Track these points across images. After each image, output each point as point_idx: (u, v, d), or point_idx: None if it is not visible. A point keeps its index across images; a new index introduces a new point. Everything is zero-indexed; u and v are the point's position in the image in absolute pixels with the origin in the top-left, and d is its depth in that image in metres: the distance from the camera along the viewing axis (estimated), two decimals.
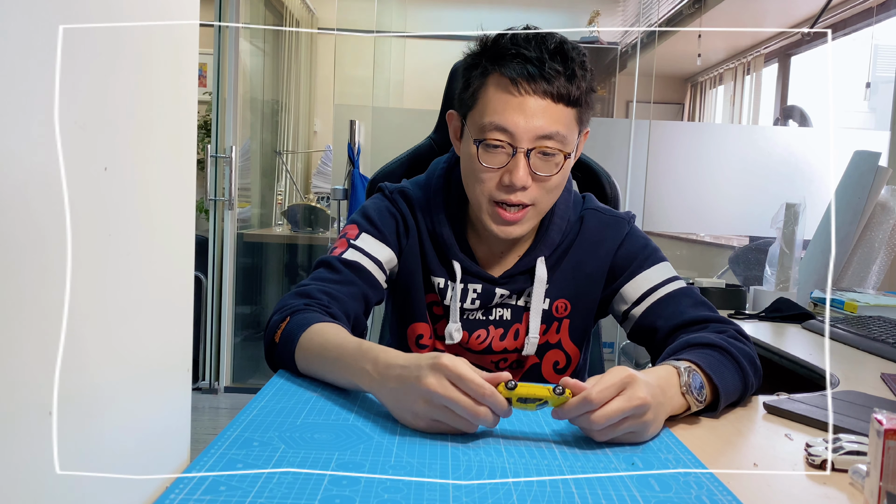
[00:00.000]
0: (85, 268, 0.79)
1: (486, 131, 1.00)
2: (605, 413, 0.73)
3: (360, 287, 1.08)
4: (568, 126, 1.01)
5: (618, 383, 0.74)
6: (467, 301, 1.13)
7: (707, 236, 4.16)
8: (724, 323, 1.02)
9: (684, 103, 6.34)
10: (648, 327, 1.09)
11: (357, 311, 1.06)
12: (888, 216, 1.95)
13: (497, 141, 1.00)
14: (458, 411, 0.72)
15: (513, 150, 0.99)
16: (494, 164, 1.01)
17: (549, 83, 0.98)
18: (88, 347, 0.81)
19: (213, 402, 3.46)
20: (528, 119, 0.98)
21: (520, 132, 0.98)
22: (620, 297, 1.13)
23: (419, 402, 0.74)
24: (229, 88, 3.51)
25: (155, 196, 0.99)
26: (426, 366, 0.73)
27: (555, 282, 1.13)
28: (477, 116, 1.03)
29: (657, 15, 4.70)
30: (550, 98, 0.98)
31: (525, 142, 0.99)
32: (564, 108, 1.00)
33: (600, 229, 1.15)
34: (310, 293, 1.03)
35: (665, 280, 1.10)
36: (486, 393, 0.72)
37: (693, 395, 0.84)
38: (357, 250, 1.10)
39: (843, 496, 0.65)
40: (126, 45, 0.87)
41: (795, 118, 3.83)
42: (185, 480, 0.60)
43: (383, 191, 1.19)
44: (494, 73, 1.01)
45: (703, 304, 1.07)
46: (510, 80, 0.99)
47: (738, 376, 0.91)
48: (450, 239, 1.13)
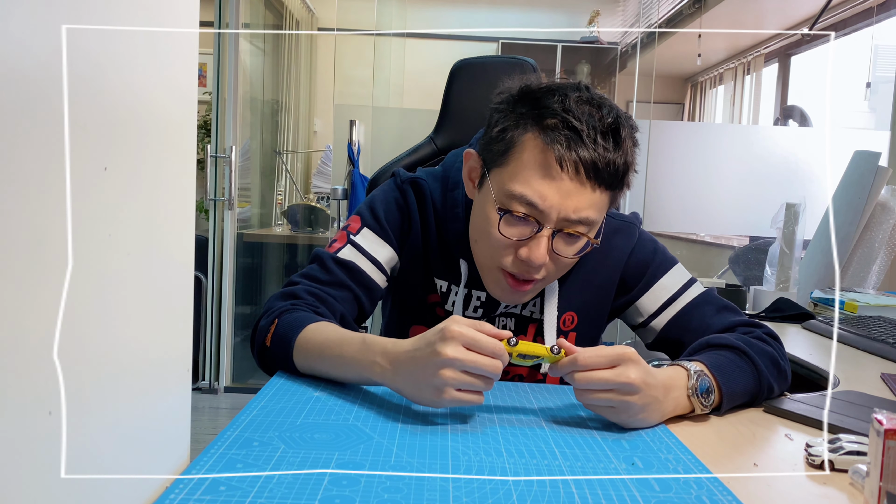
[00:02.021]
0: (85, 268, 0.79)
1: (514, 201, 0.91)
2: (586, 376, 0.77)
3: (350, 290, 1.04)
4: (601, 211, 0.93)
5: (612, 356, 0.77)
6: (470, 308, 1.09)
7: (707, 236, 4.16)
8: (752, 326, 1.00)
9: (684, 103, 6.34)
10: (674, 340, 1.06)
11: (346, 313, 1.03)
12: (888, 216, 1.95)
13: (523, 214, 0.91)
14: (479, 372, 0.75)
15: (538, 226, 0.91)
16: (515, 234, 0.92)
17: (595, 169, 0.88)
18: (88, 347, 0.81)
19: (213, 402, 3.46)
20: (563, 201, 0.89)
21: (552, 215, 0.90)
22: (636, 308, 1.09)
23: (439, 374, 0.75)
24: (229, 88, 3.51)
25: (155, 196, 0.99)
26: (437, 339, 0.75)
27: (562, 293, 1.08)
28: (506, 179, 0.92)
29: (657, 15, 4.70)
30: (592, 187, 0.89)
31: (554, 222, 0.90)
32: (603, 192, 0.91)
33: (609, 236, 1.08)
34: (296, 294, 1.00)
35: (683, 286, 1.07)
36: (498, 349, 0.75)
37: (699, 398, 0.84)
38: (355, 248, 1.06)
39: (843, 496, 0.65)
40: (126, 44, 0.87)
41: (795, 118, 3.83)
42: (185, 481, 0.60)
43: (396, 177, 1.13)
44: (535, 136, 0.90)
45: (727, 309, 1.05)
46: (554, 155, 0.88)
47: (752, 377, 0.90)
48: (461, 236, 1.06)
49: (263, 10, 4.19)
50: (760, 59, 5.21)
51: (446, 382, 0.75)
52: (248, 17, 3.91)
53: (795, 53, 4.98)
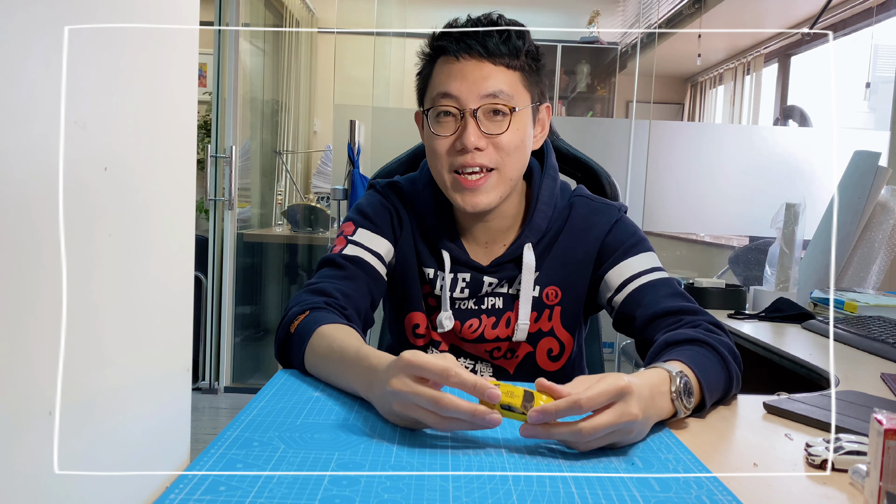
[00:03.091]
0: (85, 268, 0.79)
1: (435, 102, 1.05)
2: (593, 425, 0.69)
3: (364, 281, 1.10)
4: (512, 87, 1.04)
5: (613, 392, 0.70)
6: (457, 290, 1.14)
7: (707, 236, 4.16)
8: (697, 314, 1.01)
9: (684, 103, 6.34)
10: (628, 315, 1.08)
11: (366, 307, 1.09)
12: (888, 216, 1.95)
13: (444, 107, 1.04)
14: (426, 406, 0.70)
15: (461, 114, 1.04)
16: (446, 131, 1.05)
17: (486, 49, 1.03)
18: (88, 347, 0.81)
19: (213, 402, 3.46)
20: (470, 81, 1.03)
21: (464, 95, 1.03)
22: (605, 283, 1.12)
23: (394, 402, 0.73)
24: (229, 88, 3.51)
25: (155, 196, 0.99)
26: (392, 366, 0.73)
27: (544, 269, 1.14)
28: (428, 95, 1.08)
29: (657, 15, 4.70)
30: (490, 62, 1.03)
31: (471, 103, 1.03)
32: (506, 70, 1.04)
33: (589, 215, 1.15)
34: (325, 290, 1.04)
35: (647, 269, 1.10)
36: (448, 374, 0.68)
37: (682, 401, 0.81)
38: (356, 245, 1.12)
39: (843, 496, 0.65)
40: (126, 44, 0.87)
41: (795, 118, 3.83)
42: (185, 480, 0.60)
43: (374, 187, 1.22)
44: (440, 55, 1.07)
45: (680, 295, 1.07)
46: (452, 54, 1.04)
47: (723, 371, 0.89)
48: (438, 229, 1.15)
49: (263, 10, 4.19)
50: (760, 59, 5.21)
51: (399, 413, 0.74)
52: (248, 17, 3.91)
53: (795, 54, 4.98)
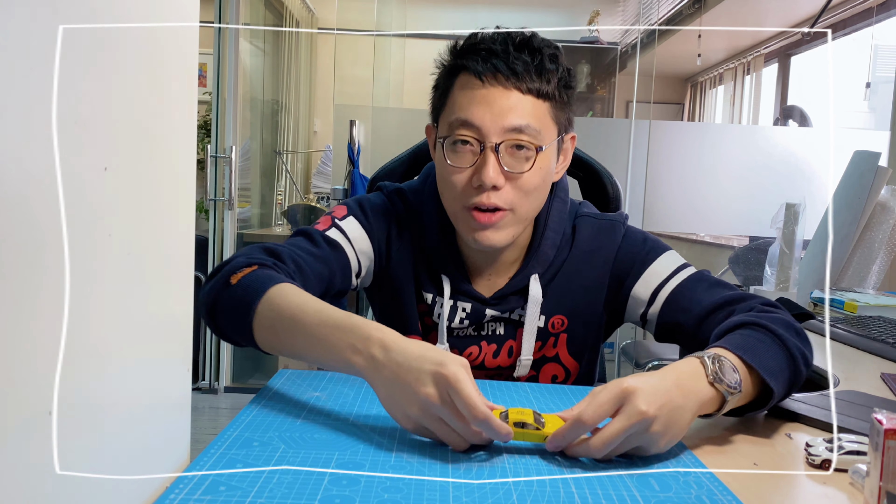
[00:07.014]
0: (85, 268, 0.79)
1: (453, 129, 0.95)
2: (603, 438, 0.67)
3: (331, 268, 1.00)
4: (540, 120, 0.94)
5: (613, 398, 0.67)
6: (455, 320, 1.06)
7: (707, 236, 4.16)
8: (747, 300, 0.93)
9: (684, 103, 6.34)
10: (672, 324, 1.00)
11: (314, 293, 0.95)
12: (888, 216, 1.95)
13: (464, 136, 0.94)
14: (452, 425, 0.68)
15: (480, 146, 0.93)
16: (463, 163, 0.95)
17: (515, 75, 0.92)
18: (88, 347, 0.81)
19: (213, 402, 3.46)
20: (494, 112, 0.92)
21: (486, 126, 0.92)
22: (633, 300, 1.05)
23: (413, 406, 0.69)
24: (229, 88, 3.51)
25: (155, 196, 0.99)
26: (428, 372, 0.68)
27: (550, 298, 1.05)
28: (445, 117, 0.97)
29: (657, 15, 4.70)
30: (518, 90, 0.93)
31: (493, 136, 0.92)
32: (535, 100, 0.94)
33: (594, 236, 1.07)
34: (280, 255, 0.94)
35: (674, 270, 1.03)
36: (481, 417, 0.65)
37: (725, 382, 0.73)
38: (340, 231, 1.04)
39: (843, 496, 0.65)
40: (126, 44, 0.87)
41: (795, 118, 3.83)
42: (185, 480, 0.60)
43: (383, 189, 1.13)
44: (462, 72, 0.96)
45: (720, 285, 0.99)
46: (475, 75, 0.93)
47: (778, 347, 0.81)
48: (439, 252, 1.06)
49: (263, 10, 4.19)
50: (760, 59, 5.21)
51: (417, 417, 0.70)
52: (248, 16, 3.91)
53: (795, 53, 4.98)
